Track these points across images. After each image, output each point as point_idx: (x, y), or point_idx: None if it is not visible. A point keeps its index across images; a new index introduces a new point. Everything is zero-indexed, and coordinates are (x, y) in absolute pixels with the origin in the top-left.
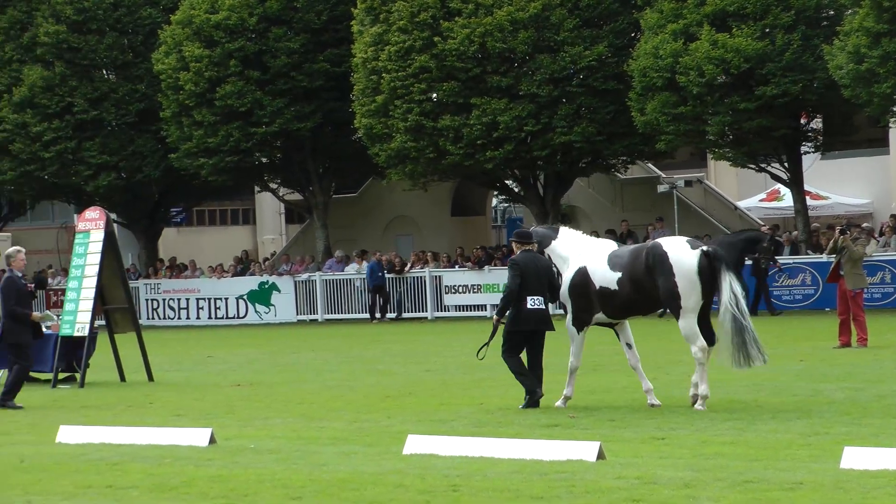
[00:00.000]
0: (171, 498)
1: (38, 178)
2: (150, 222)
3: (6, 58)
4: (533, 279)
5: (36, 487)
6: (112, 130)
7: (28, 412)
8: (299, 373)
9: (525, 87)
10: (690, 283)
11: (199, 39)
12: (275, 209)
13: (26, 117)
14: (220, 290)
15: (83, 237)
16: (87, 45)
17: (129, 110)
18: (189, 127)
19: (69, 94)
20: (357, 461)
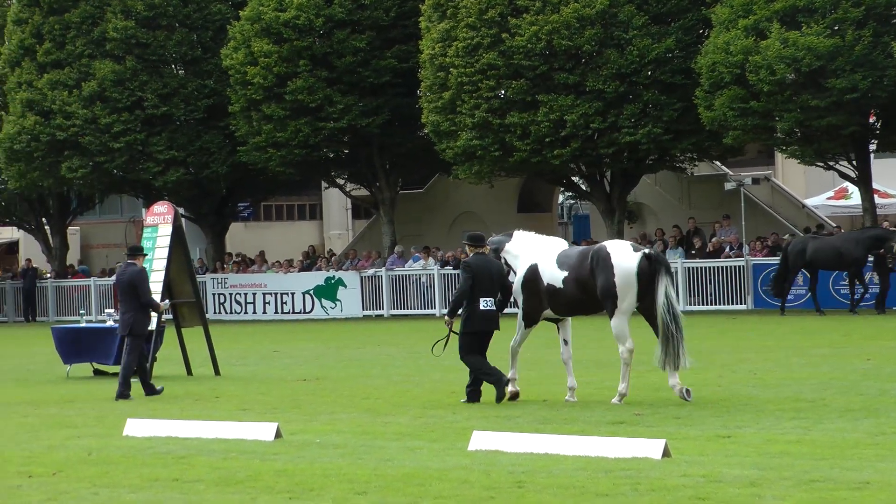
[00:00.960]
0: (237, 492)
1: (107, 172)
2: (218, 217)
3: (76, 52)
4: (485, 281)
5: (103, 480)
6: (180, 126)
7: (96, 405)
8: (365, 368)
9: (592, 84)
10: (628, 284)
11: (268, 36)
12: (341, 204)
13: (96, 110)
14: (287, 284)
15: (151, 231)
16: (156, 40)
17: (197, 106)
18: (258, 121)
19: (139, 88)
20: (422, 457)
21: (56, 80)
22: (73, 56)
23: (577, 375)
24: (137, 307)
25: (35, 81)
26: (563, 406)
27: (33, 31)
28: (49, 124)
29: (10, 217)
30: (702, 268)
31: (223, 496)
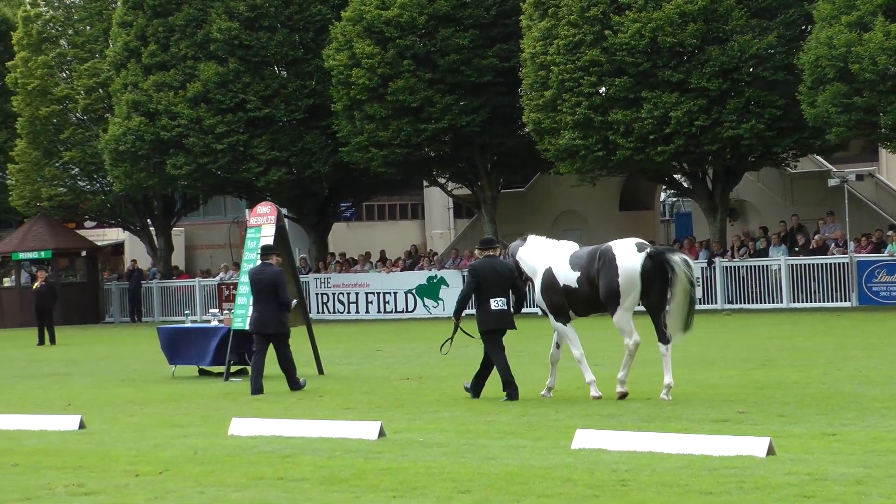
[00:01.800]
0: (341, 490)
1: (210, 173)
2: (321, 217)
3: (181, 55)
4: (493, 282)
5: (209, 479)
6: (282, 126)
7: (201, 404)
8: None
9: (695, 81)
10: (632, 282)
11: (370, 36)
12: (443, 204)
13: (201, 111)
14: (389, 284)
15: (254, 232)
16: (258, 41)
17: (298, 106)
18: (360, 121)
19: (242, 90)
20: (525, 455)
21: (161, 81)
22: (178, 58)
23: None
24: (275, 306)
25: (140, 83)
26: (667, 404)
27: (138, 34)
28: (154, 125)
29: (115, 218)
30: (805, 265)
31: (327, 495)
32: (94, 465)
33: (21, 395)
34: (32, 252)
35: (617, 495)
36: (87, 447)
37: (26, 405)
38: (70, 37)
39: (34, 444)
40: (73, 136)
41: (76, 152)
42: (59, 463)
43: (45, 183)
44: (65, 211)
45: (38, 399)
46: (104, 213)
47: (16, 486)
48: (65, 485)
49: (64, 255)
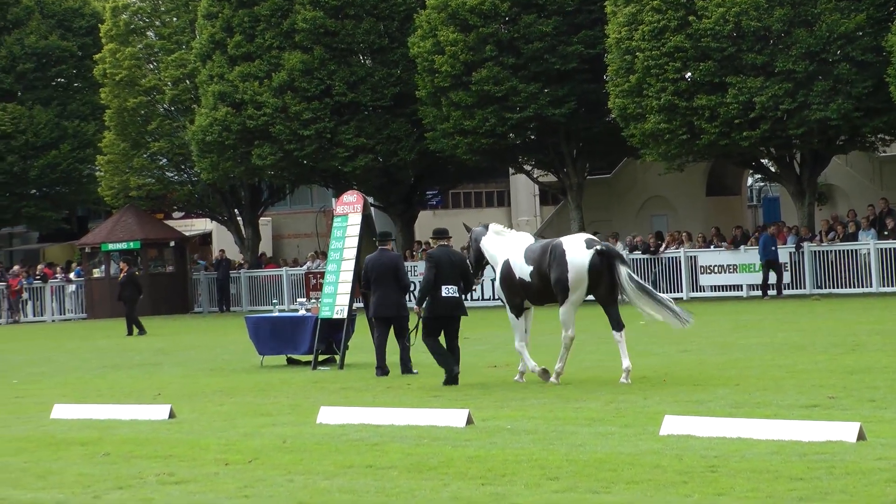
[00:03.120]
0: (430, 478)
1: (297, 162)
2: (407, 205)
3: (266, 45)
4: (447, 270)
5: (298, 467)
6: (368, 114)
7: (289, 393)
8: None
9: (781, 65)
10: (580, 277)
11: (455, 23)
12: (529, 191)
13: (286, 99)
14: None
15: (341, 221)
16: (344, 29)
17: (384, 94)
18: (446, 108)
19: (328, 77)
20: (613, 442)
21: (247, 72)
22: (263, 48)
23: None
24: (396, 291)
25: (226, 74)
26: (756, 390)
27: (223, 25)
28: (240, 115)
29: (203, 209)
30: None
31: (416, 482)
32: (184, 454)
33: (111, 384)
34: (121, 243)
35: (706, 481)
36: (177, 436)
37: (117, 395)
38: (157, 28)
39: (125, 433)
40: (161, 127)
41: (164, 143)
42: (150, 452)
43: (133, 174)
44: (153, 202)
45: (128, 389)
46: (192, 203)
47: (108, 475)
48: (156, 473)
49: (152, 245)
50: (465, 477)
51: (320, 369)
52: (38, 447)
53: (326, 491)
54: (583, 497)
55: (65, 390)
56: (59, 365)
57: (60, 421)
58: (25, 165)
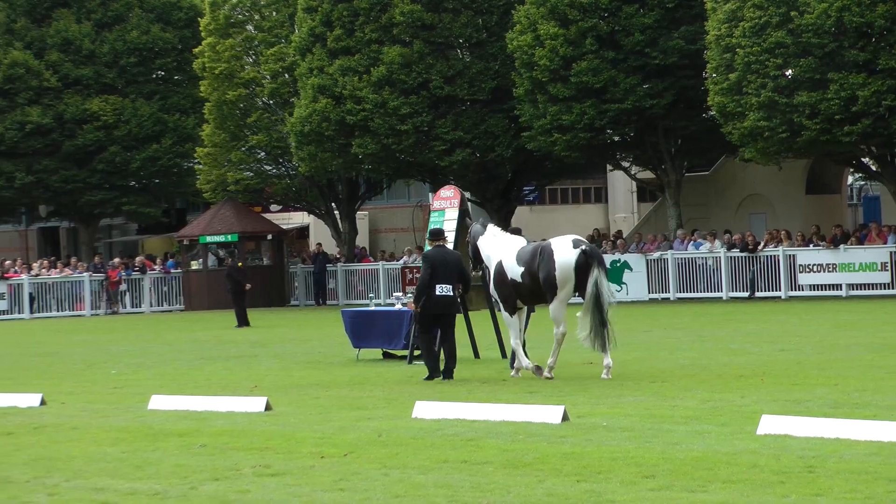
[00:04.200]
0: (525, 474)
1: (394, 156)
2: (504, 201)
3: (365, 39)
4: (442, 270)
5: (393, 461)
6: (465, 108)
7: (385, 387)
8: (651, 351)
9: (884, 62)
10: (567, 276)
11: (554, 18)
12: (627, 187)
13: (385, 94)
14: None
15: (438, 215)
16: (442, 23)
17: (482, 88)
18: (543, 103)
19: (426, 70)
20: (710, 440)
21: (346, 66)
22: (362, 42)
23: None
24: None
25: (326, 67)
26: (854, 390)
27: (323, 19)
28: (340, 108)
29: (300, 202)
30: None
31: (511, 478)
32: (280, 447)
33: (208, 376)
34: (219, 235)
35: (804, 482)
36: (274, 429)
37: (213, 387)
38: (256, 22)
39: (221, 425)
40: (259, 121)
41: (262, 136)
42: (246, 444)
43: (231, 167)
44: (251, 195)
45: (224, 381)
46: (289, 196)
47: (204, 467)
48: (252, 466)
49: (250, 238)
50: (560, 474)
51: (416, 364)
52: (135, 438)
53: (421, 485)
54: (679, 496)
55: (162, 381)
56: (157, 356)
57: (158, 412)
58: (127, 157)
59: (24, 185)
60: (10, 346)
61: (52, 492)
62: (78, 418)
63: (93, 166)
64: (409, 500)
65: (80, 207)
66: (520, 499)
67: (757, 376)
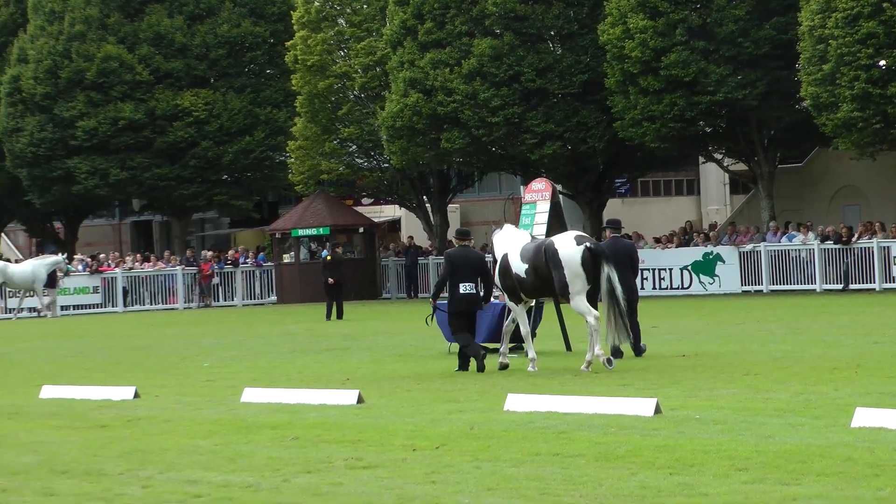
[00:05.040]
0: (617, 467)
1: (485, 149)
2: (595, 193)
3: (456, 31)
4: (464, 269)
5: (485, 454)
6: (557, 101)
7: (477, 380)
8: (744, 343)
9: None
10: (575, 273)
11: (645, 10)
12: (719, 179)
13: (476, 86)
14: (664, 260)
15: (530, 208)
16: (533, 14)
17: (573, 81)
18: (634, 95)
19: (517, 63)
20: (804, 433)
21: (437, 58)
22: (453, 35)
23: None
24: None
25: (417, 60)
26: None
27: (414, 12)
28: (430, 101)
29: (392, 195)
30: None
31: (603, 471)
32: (372, 440)
33: (300, 369)
34: (311, 228)
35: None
36: (366, 421)
37: (306, 380)
38: (348, 15)
39: (314, 417)
40: (351, 114)
41: (353, 129)
42: (339, 437)
43: (323, 159)
44: (342, 188)
45: (316, 374)
46: (381, 189)
47: (297, 459)
48: (344, 458)
49: (342, 231)
50: (652, 466)
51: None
52: (228, 430)
53: (513, 478)
54: (772, 489)
55: (255, 374)
56: (250, 349)
57: (250, 404)
58: (219, 151)
59: (117, 181)
60: (104, 339)
61: (146, 484)
62: (171, 411)
63: (185, 161)
64: (501, 492)
65: (173, 202)
66: (612, 491)
67: (851, 369)
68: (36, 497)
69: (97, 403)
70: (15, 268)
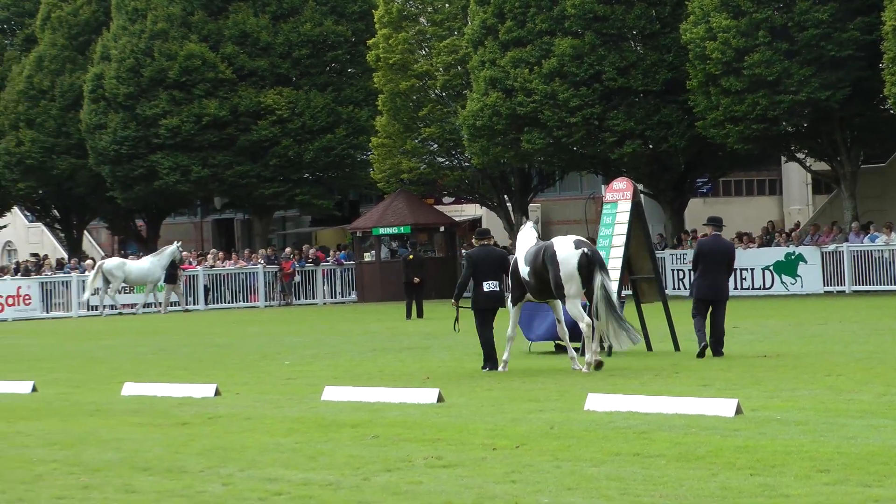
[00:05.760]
0: (697, 467)
1: (566, 148)
2: (677, 193)
3: (536, 30)
4: (485, 268)
5: (565, 454)
6: (638, 99)
7: (557, 379)
8: (826, 344)
9: None
10: (570, 275)
11: (727, 10)
12: (801, 179)
13: (555, 86)
14: (746, 260)
15: (611, 207)
16: (614, 14)
17: (655, 80)
18: (716, 96)
19: (598, 62)
20: (886, 435)
21: (518, 57)
22: (534, 34)
23: None
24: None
25: (498, 60)
26: None
27: (495, 11)
28: (510, 101)
29: (473, 194)
30: None
31: (683, 471)
32: (452, 438)
33: (381, 367)
34: (392, 227)
35: None
36: (446, 420)
37: (386, 378)
38: (429, 14)
39: (394, 416)
40: (432, 113)
41: (434, 129)
42: (418, 435)
43: (405, 157)
44: (423, 186)
45: (397, 372)
46: (462, 188)
47: (377, 458)
48: (424, 457)
49: (422, 230)
50: (733, 467)
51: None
52: (309, 428)
53: (594, 478)
54: (854, 490)
55: (335, 372)
56: (330, 347)
57: (331, 403)
58: (300, 149)
59: (199, 178)
60: (186, 336)
61: (227, 481)
62: (252, 409)
63: (266, 160)
64: (581, 492)
65: (254, 199)
66: (693, 492)
67: None
68: (117, 494)
69: (178, 401)
70: (133, 264)
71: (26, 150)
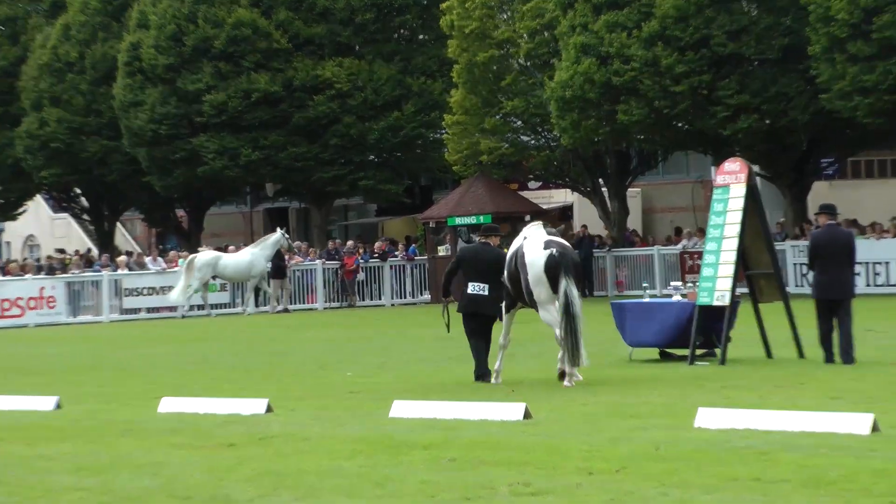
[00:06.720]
0: (828, 494)
1: (669, 123)
2: (798, 175)
3: None
4: (472, 267)
5: (673, 478)
6: (752, 68)
7: (663, 392)
8: None
9: None
10: (538, 279)
11: None
12: None
13: (657, 51)
14: (880, 252)
15: (722, 193)
16: None
17: (771, 46)
18: (842, 63)
19: (705, 25)
20: None
21: (613, 21)
22: None
23: None
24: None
25: (590, 24)
26: None
27: None
28: (605, 69)
29: (563, 178)
30: None
31: (812, 499)
32: (541, 461)
33: (457, 379)
34: (470, 216)
35: None
36: (533, 440)
37: (463, 391)
38: None
39: (473, 435)
40: (515, 84)
41: (518, 102)
42: (502, 458)
43: (483, 137)
44: (506, 169)
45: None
46: (550, 171)
47: (454, 484)
48: (508, 483)
49: (505, 219)
50: (869, 494)
51: (698, 364)
52: (375, 450)
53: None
54: None
55: (406, 384)
56: (399, 355)
57: (400, 420)
58: (363, 128)
59: (249, 163)
60: (232, 343)
61: None
62: (309, 428)
63: (325, 140)
64: None
65: (312, 185)
66: None
67: None
68: None
69: (224, 419)
70: (228, 258)
71: (51, 131)
